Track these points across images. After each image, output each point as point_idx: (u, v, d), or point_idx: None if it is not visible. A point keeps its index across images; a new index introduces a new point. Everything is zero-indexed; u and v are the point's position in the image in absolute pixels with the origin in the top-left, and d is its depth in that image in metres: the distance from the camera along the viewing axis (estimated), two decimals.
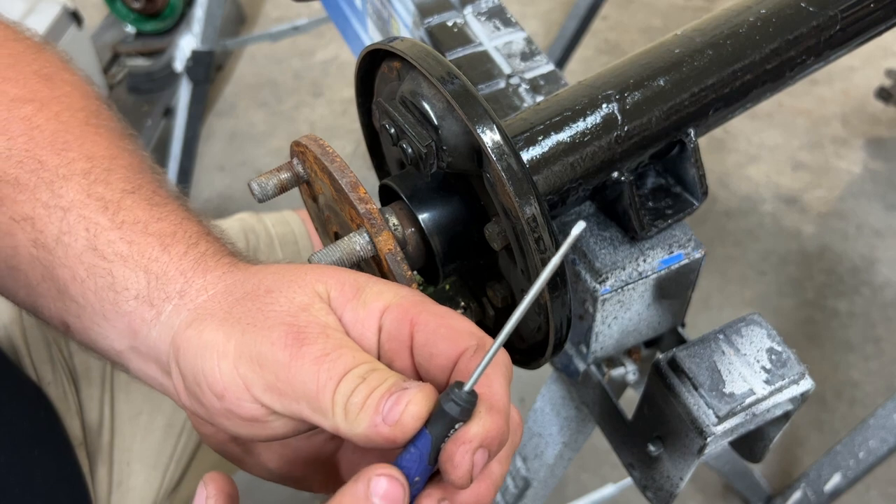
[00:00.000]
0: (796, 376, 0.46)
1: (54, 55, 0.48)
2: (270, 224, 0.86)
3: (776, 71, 0.52)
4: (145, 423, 0.73)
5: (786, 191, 1.77)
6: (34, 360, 0.70)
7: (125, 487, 0.72)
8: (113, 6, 2.02)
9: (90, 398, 0.71)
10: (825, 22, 0.52)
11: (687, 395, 0.46)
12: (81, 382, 0.72)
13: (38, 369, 0.70)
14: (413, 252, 0.46)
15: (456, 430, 0.32)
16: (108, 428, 0.72)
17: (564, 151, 0.46)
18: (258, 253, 0.82)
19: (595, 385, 0.56)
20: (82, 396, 0.71)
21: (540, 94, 0.58)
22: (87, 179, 0.41)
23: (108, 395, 0.72)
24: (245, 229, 0.84)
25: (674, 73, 0.49)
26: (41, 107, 0.43)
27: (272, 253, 0.83)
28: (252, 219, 0.86)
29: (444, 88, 0.40)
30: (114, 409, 0.72)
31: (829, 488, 1.20)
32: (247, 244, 0.83)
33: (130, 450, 0.72)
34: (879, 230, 1.69)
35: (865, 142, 1.86)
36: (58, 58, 0.48)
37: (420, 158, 0.43)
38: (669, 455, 0.49)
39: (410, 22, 0.66)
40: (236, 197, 1.82)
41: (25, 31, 0.49)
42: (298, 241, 0.85)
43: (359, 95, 0.52)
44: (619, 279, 0.49)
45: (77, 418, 0.70)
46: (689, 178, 0.51)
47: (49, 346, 0.71)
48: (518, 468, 0.71)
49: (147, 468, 0.73)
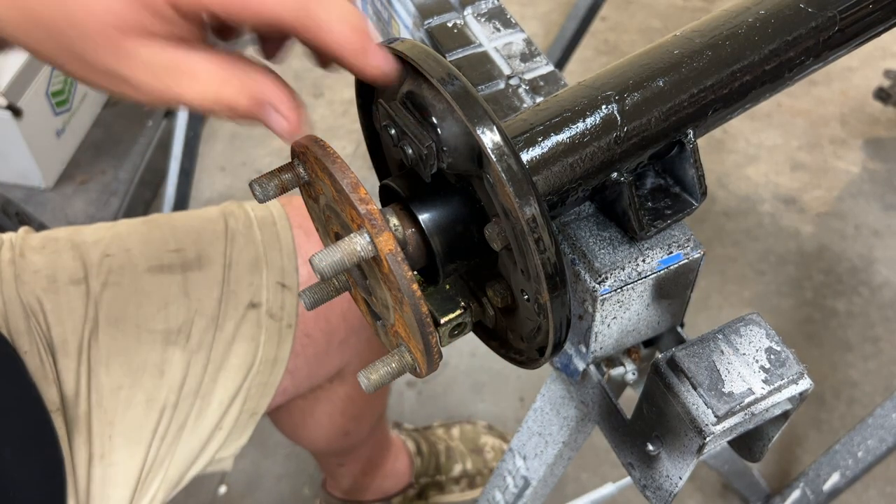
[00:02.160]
0: (795, 376, 0.47)
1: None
2: (250, 208, 0.87)
3: (775, 72, 0.52)
4: (125, 397, 0.74)
5: (784, 191, 1.78)
6: (11, 330, 0.72)
7: (108, 461, 0.73)
8: None
9: (67, 369, 0.73)
10: (824, 23, 0.52)
11: (686, 395, 0.47)
12: (58, 353, 0.73)
13: (15, 339, 0.71)
14: (413, 252, 0.46)
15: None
16: (85, 398, 0.73)
17: (564, 152, 0.47)
18: (237, 234, 0.84)
19: (594, 384, 0.56)
20: (59, 367, 0.73)
21: (540, 94, 0.59)
22: None
23: (84, 366, 0.73)
24: (225, 213, 0.86)
25: (673, 73, 0.49)
26: None
27: (250, 234, 0.84)
28: (233, 205, 0.88)
29: (445, 89, 0.40)
30: (92, 381, 0.74)
31: (828, 487, 1.20)
32: (226, 226, 0.84)
33: (112, 423, 0.73)
34: (878, 230, 1.69)
35: (864, 142, 1.86)
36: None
37: (420, 159, 0.44)
38: (668, 454, 0.50)
39: (410, 23, 0.66)
40: (237, 197, 1.82)
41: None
42: (277, 222, 0.86)
43: (359, 96, 0.52)
44: (619, 279, 0.49)
45: (54, 386, 0.71)
46: (688, 178, 0.52)
47: (27, 317, 0.73)
48: (518, 467, 0.71)
49: (130, 443, 0.74)
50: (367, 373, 0.46)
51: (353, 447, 1.18)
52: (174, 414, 0.76)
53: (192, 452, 0.78)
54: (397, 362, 0.46)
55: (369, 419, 1.13)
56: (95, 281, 0.77)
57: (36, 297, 0.74)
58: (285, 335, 0.83)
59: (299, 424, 1.07)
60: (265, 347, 0.82)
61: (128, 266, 0.78)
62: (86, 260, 0.78)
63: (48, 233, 0.81)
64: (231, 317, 0.80)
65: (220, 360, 0.79)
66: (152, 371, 0.75)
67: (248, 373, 0.81)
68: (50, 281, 0.75)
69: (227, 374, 0.79)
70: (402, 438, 1.36)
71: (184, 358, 0.77)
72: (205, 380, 0.78)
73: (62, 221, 1.72)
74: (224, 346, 0.79)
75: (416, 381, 1.54)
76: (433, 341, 0.43)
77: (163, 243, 0.81)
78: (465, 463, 1.39)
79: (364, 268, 0.47)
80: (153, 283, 0.78)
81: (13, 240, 0.79)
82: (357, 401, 1.05)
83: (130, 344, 0.75)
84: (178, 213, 0.86)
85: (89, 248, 0.79)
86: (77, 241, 0.80)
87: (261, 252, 0.83)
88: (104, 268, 0.78)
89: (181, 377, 0.76)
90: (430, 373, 0.46)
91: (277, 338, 0.83)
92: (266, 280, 0.82)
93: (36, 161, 1.72)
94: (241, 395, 0.81)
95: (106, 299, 0.76)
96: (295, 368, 0.85)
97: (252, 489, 1.39)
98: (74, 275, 0.76)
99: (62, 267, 0.77)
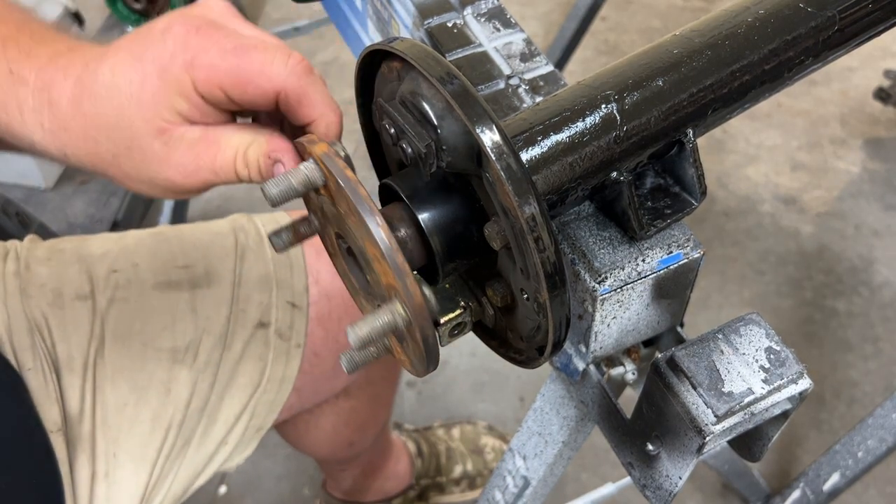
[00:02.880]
0: (795, 376, 0.47)
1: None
2: (261, 224, 0.86)
3: (775, 71, 0.52)
4: (131, 415, 0.73)
5: (784, 191, 1.78)
6: (15, 346, 0.71)
7: (111, 479, 0.72)
8: (114, 7, 2.02)
9: (71, 386, 0.72)
10: (824, 23, 0.52)
11: (686, 395, 0.47)
12: (63, 371, 0.72)
13: (18, 355, 0.70)
14: (413, 251, 0.46)
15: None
16: (90, 416, 0.72)
17: (563, 151, 0.47)
18: (247, 251, 0.83)
19: (594, 384, 0.56)
20: (63, 384, 0.72)
21: (539, 94, 0.59)
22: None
23: (89, 384, 0.72)
24: (235, 228, 0.85)
25: (673, 73, 0.49)
26: None
27: (260, 251, 0.84)
28: (243, 218, 0.87)
29: (444, 88, 0.40)
30: (97, 398, 0.73)
31: (828, 487, 1.20)
32: (235, 242, 0.83)
33: (116, 441, 0.73)
34: (878, 230, 1.69)
35: (864, 142, 1.86)
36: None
37: (420, 158, 0.44)
38: (668, 454, 0.50)
39: (410, 23, 0.66)
40: (237, 197, 1.82)
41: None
42: None
43: (359, 96, 0.52)
44: (619, 279, 0.49)
45: (56, 405, 0.70)
46: (687, 178, 0.52)
47: (32, 333, 0.72)
48: (517, 467, 0.71)
49: (134, 460, 0.73)
50: (355, 327, 0.42)
51: (357, 455, 1.18)
52: (180, 432, 0.75)
53: (196, 467, 0.78)
54: (389, 315, 0.43)
55: (374, 430, 1.13)
56: (102, 297, 0.76)
57: (41, 312, 0.73)
58: (293, 354, 0.82)
59: (303, 435, 1.06)
60: (273, 366, 0.80)
61: (135, 282, 0.77)
62: (92, 274, 0.77)
63: (54, 243, 0.80)
64: (239, 336, 0.79)
65: (227, 379, 0.78)
66: (158, 389, 0.74)
67: (255, 391, 0.80)
68: (56, 296, 0.74)
69: (234, 393, 0.78)
70: (403, 439, 1.36)
71: (190, 377, 0.76)
72: (211, 398, 0.77)
73: (62, 221, 1.71)
74: (231, 365, 0.78)
75: (416, 381, 1.54)
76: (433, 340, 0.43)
77: (171, 258, 0.80)
78: (465, 464, 1.39)
79: (365, 266, 0.47)
80: (160, 300, 0.77)
81: (18, 250, 0.78)
82: (362, 413, 1.05)
83: (136, 361, 0.75)
84: (187, 226, 0.85)
85: (96, 262, 0.78)
86: (83, 253, 0.79)
87: (271, 270, 0.83)
88: (111, 283, 0.77)
89: (187, 395, 0.75)
90: (429, 372, 0.46)
91: (286, 357, 0.81)
92: (276, 299, 0.82)
93: (36, 161, 1.72)
94: (248, 413, 0.80)
95: (112, 316, 0.75)
96: (302, 386, 0.84)
97: (252, 489, 1.39)
98: (80, 290, 0.75)
99: (68, 281, 0.76)
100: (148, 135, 0.46)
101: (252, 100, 0.46)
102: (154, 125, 0.46)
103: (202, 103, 0.46)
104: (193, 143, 0.46)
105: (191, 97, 0.45)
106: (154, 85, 0.45)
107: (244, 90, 0.45)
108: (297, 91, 0.46)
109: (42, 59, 0.48)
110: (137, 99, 0.45)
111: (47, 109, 0.48)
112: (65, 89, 0.47)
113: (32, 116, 0.48)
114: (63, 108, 0.47)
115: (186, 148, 0.46)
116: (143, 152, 0.47)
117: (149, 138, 0.46)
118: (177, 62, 0.45)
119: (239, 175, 0.47)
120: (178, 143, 0.46)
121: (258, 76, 0.45)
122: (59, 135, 0.48)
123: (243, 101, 0.46)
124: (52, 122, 0.48)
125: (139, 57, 0.46)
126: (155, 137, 0.46)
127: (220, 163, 0.47)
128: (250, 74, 0.45)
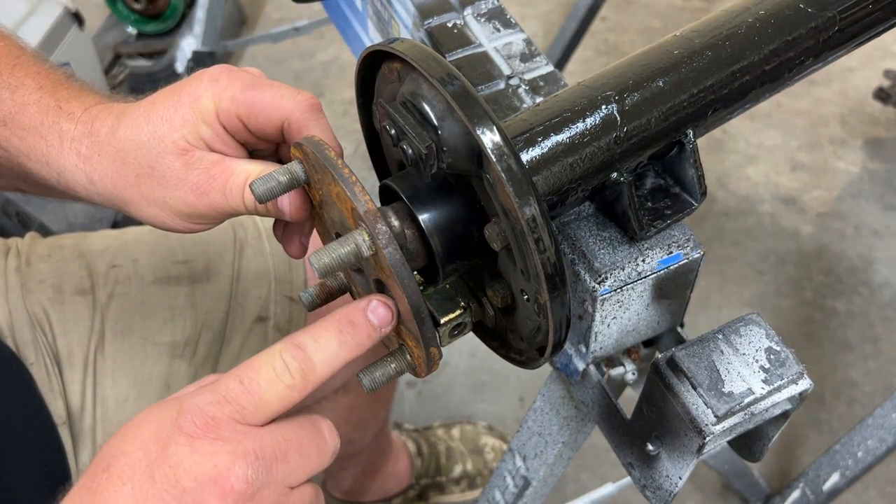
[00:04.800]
0: (795, 376, 0.47)
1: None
2: (259, 219, 0.87)
3: (775, 72, 0.52)
4: (131, 410, 0.74)
5: (784, 191, 1.78)
6: (17, 341, 0.71)
7: None
8: (114, 7, 2.02)
9: (72, 381, 0.73)
10: (824, 23, 0.52)
11: (686, 395, 0.47)
12: (64, 365, 0.73)
13: (21, 350, 0.71)
14: (413, 252, 0.46)
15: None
16: (91, 411, 0.73)
17: (564, 152, 0.47)
18: (245, 246, 0.84)
19: (594, 384, 0.56)
20: (65, 379, 0.72)
21: (539, 94, 0.59)
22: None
23: (90, 379, 0.73)
24: (234, 224, 0.85)
25: (673, 74, 0.49)
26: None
27: (259, 246, 0.84)
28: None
29: (444, 89, 0.40)
30: (97, 394, 0.73)
31: (828, 487, 1.20)
32: (234, 237, 0.84)
33: None
34: (878, 230, 1.69)
35: (864, 142, 1.86)
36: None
37: (420, 159, 0.44)
38: (668, 454, 0.50)
39: (410, 23, 0.66)
40: None
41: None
42: None
43: (359, 96, 0.52)
44: (619, 279, 0.49)
45: (61, 399, 0.71)
46: (687, 178, 0.52)
47: (33, 328, 0.72)
48: (518, 467, 0.71)
49: None
50: (368, 372, 0.46)
51: (357, 453, 1.18)
52: None
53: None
54: (397, 363, 0.47)
55: (373, 427, 1.13)
56: (102, 292, 0.76)
57: (42, 307, 0.74)
58: None
59: None
60: None
61: (134, 277, 0.78)
62: (92, 270, 0.77)
63: (54, 240, 0.81)
64: (238, 330, 0.80)
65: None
66: (158, 384, 0.75)
67: None
68: (56, 291, 0.75)
69: None
70: (403, 439, 1.36)
71: (190, 371, 0.76)
72: None
73: (62, 221, 1.71)
74: (231, 359, 0.79)
75: (416, 381, 1.54)
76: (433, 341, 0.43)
77: (170, 253, 0.80)
78: (465, 464, 1.39)
79: (364, 266, 0.47)
80: (160, 295, 0.78)
81: (19, 246, 0.78)
82: (361, 409, 1.05)
83: (136, 356, 0.75)
84: None
85: (96, 258, 0.78)
86: (84, 249, 0.79)
87: (269, 265, 0.83)
88: (111, 278, 0.77)
89: None
90: (429, 373, 0.46)
91: None
92: (274, 293, 0.82)
93: None
94: None
95: (112, 311, 0.76)
96: None
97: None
98: (81, 285, 0.76)
99: (68, 276, 0.76)
100: (172, 153, 0.51)
101: (261, 127, 0.52)
102: (179, 145, 0.51)
103: (223, 132, 0.52)
104: (210, 165, 0.52)
105: (214, 125, 0.52)
106: (185, 111, 0.52)
107: (256, 118, 0.51)
108: (299, 121, 0.51)
109: (90, 101, 0.56)
110: (170, 121, 0.52)
111: (87, 138, 0.54)
112: (107, 121, 0.54)
113: (71, 145, 0.54)
114: (102, 136, 0.53)
115: (203, 169, 0.52)
116: (164, 171, 0.52)
117: (172, 157, 0.52)
118: (207, 94, 0.52)
119: (245, 199, 0.51)
120: (196, 163, 0.52)
121: (268, 106, 0.51)
122: (91, 160, 0.54)
123: (255, 129, 0.52)
124: (90, 148, 0.54)
125: (178, 90, 0.53)
126: (178, 156, 0.51)
127: (230, 185, 0.51)
128: (262, 105, 0.51)
